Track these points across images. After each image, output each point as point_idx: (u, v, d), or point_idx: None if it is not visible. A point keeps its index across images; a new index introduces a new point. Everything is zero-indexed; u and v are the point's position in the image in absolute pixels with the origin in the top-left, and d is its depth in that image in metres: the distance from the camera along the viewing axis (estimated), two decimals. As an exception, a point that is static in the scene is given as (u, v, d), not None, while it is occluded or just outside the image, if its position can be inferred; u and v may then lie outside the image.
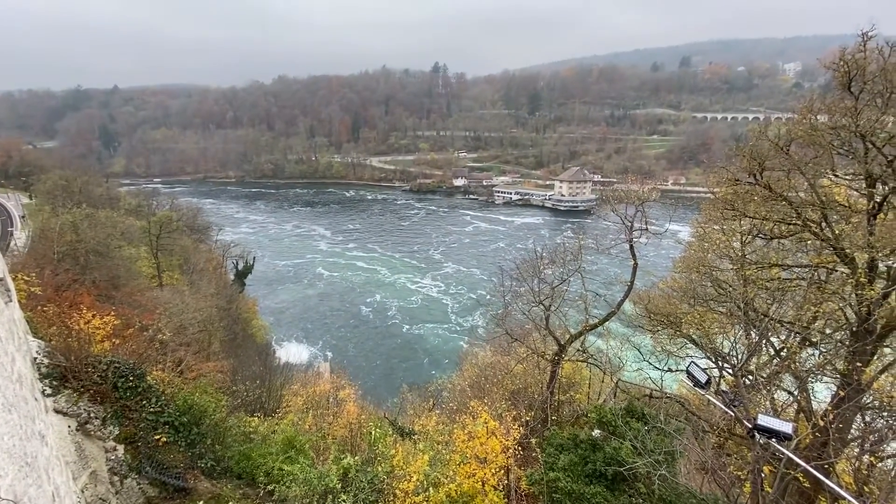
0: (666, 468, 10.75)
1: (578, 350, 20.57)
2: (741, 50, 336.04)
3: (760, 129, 14.22)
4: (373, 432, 14.46)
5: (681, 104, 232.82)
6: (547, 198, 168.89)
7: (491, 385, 21.73)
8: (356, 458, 12.82)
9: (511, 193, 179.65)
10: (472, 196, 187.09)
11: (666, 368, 18.24)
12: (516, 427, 14.50)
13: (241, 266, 68.96)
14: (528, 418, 16.68)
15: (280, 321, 76.50)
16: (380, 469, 12.30)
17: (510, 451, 13.62)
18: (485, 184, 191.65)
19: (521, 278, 20.99)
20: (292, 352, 62.76)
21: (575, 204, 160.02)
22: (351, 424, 17.50)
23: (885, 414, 13.19)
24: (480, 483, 12.54)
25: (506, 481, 13.58)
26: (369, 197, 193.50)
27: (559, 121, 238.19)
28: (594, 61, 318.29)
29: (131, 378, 12.40)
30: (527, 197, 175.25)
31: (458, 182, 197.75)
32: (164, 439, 12.39)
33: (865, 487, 11.55)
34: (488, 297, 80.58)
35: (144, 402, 12.48)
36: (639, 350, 20.95)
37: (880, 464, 13.12)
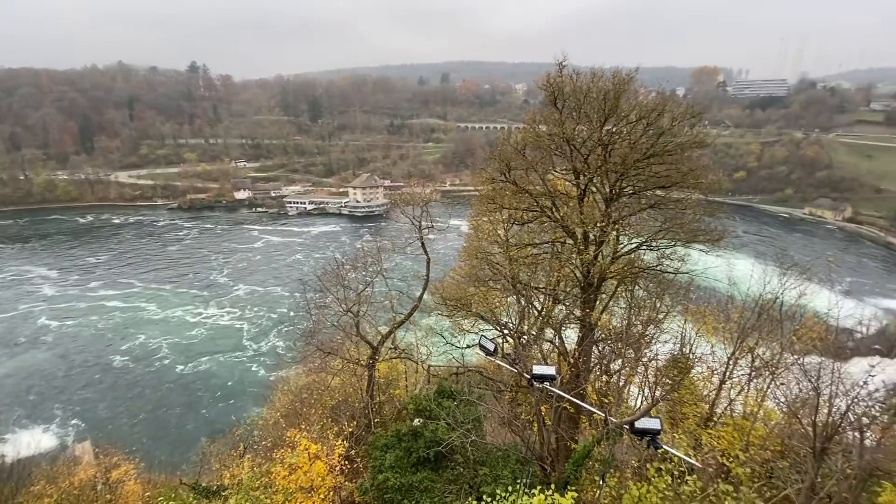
0: (476, 434, 12.23)
1: (391, 348, 21.35)
2: (485, 70, 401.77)
3: (505, 136, 17.49)
4: (166, 507, 11.88)
5: (446, 115, 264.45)
6: (343, 205, 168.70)
7: (308, 407, 20.54)
8: (145, 546, 10.30)
9: (305, 203, 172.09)
10: (260, 209, 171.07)
11: (465, 346, 20.75)
12: (340, 442, 14.13)
13: None
14: (351, 429, 16.46)
15: (-10, 406, 54.96)
16: (182, 546, 10.20)
17: (337, 468, 13.20)
18: (273, 195, 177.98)
19: (325, 289, 20.45)
20: (24, 442, 45.64)
21: (371, 209, 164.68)
22: (133, 508, 13.94)
23: (608, 342, 18.11)
24: (310, 513, 11.78)
25: (337, 501, 13.13)
26: (117, 221, 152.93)
27: (343, 129, 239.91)
28: (367, 72, 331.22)
29: None
30: (322, 205, 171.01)
31: (241, 195, 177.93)
32: None
33: (604, 399, 15.64)
34: (292, 314, 76.16)
35: None
36: (442, 335, 23.19)
37: (611, 379, 17.89)
